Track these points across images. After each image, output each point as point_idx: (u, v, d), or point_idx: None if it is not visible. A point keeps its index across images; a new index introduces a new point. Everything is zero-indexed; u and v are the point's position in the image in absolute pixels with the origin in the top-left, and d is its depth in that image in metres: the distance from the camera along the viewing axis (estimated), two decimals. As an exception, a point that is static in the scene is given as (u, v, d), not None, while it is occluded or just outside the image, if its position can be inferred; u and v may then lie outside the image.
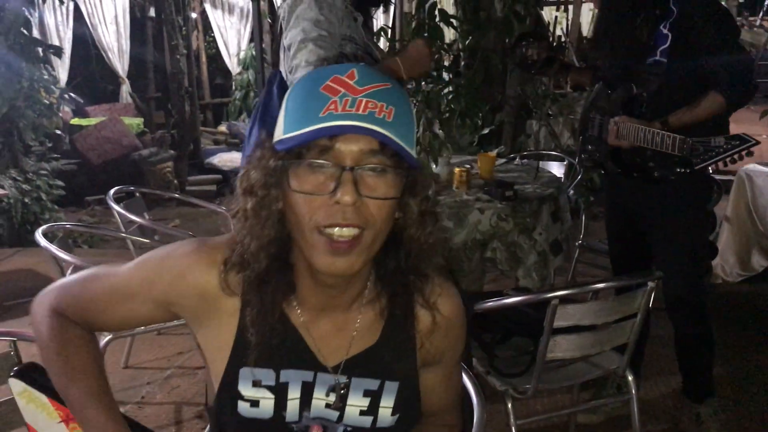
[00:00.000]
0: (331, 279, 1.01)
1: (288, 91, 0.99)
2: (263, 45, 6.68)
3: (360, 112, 0.90)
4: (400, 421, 1.10)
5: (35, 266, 4.96)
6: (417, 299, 1.09)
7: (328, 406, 1.08)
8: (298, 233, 0.97)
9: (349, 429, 1.10)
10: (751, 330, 3.60)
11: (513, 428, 2.06)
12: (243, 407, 1.07)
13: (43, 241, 2.43)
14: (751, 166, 4.07)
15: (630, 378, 2.20)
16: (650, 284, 1.99)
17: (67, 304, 1.13)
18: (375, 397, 1.09)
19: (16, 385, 1.17)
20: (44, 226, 2.59)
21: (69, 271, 2.52)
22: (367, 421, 1.09)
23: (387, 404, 1.09)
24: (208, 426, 1.23)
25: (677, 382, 2.69)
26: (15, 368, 1.17)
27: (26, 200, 5.71)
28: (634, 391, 2.20)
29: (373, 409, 1.09)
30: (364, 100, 0.91)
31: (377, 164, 0.93)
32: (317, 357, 1.08)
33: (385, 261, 1.05)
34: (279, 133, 0.96)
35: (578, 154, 2.65)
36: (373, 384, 1.09)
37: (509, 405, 2.07)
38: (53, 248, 2.39)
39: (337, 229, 0.93)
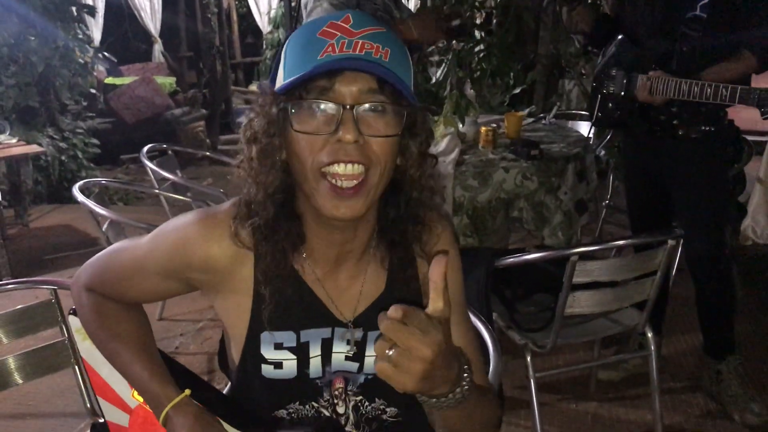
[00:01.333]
0: (338, 224, 1.01)
1: (286, 41, 0.99)
2: (293, 3, 6.66)
3: (357, 52, 0.91)
4: None
5: (72, 222, 5.12)
6: (416, 249, 1.10)
7: (347, 358, 1.11)
8: (302, 178, 0.97)
9: (369, 377, 1.13)
10: (779, 291, 3.60)
11: (532, 381, 2.11)
12: (267, 369, 1.10)
13: (80, 197, 2.52)
14: (786, 127, 4.01)
15: (649, 335, 2.23)
16: (670, 242, 2.01)
17: (96, 282, 1.19)
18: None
19: (75, 322, 1.24)
20: (81, 182, 2.68)
21: (105, 226, 2.62)
22: None
23: None
24: (229, 384, 1.27)
25: (699, 341, 2.71)
26: (73, 307, 1.24)
27: (63, 158, 5.85)
28: (653, 348, 2.23)
29: None
30: (361, 41, 0.92)
31: (377, 102, 0.94)
32: (333, 312, 1.10)
33: (386, 210, 1.06)
34: (279, 82, 0.97)
35: (595, 112, 2.63)
36: None
37: (528, 358, 2.12)
38: (90, 203, 2.48)
39: (342, 166, 0.93)
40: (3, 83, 5.44)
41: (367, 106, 0.93)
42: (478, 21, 6.63)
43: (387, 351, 0.79)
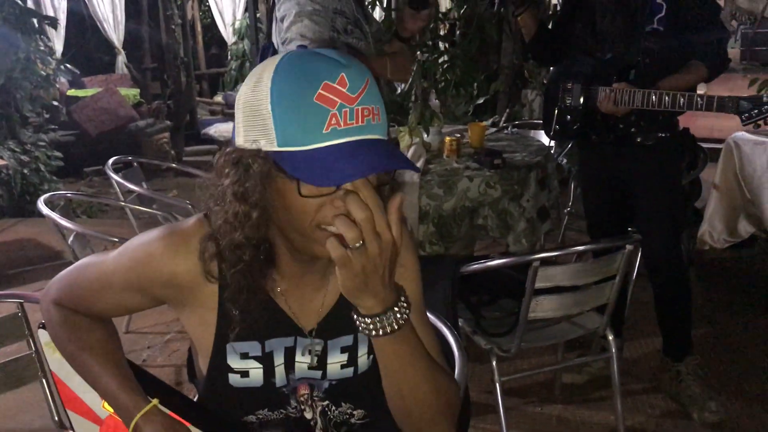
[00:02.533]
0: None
1: (267, 91, 0.94)
2: (258, 14, 6.69)
3: (360, 123, 0.92)
4: (376, 362, 1.14)
5: (36, 236, 5.05)
6: None
7: (310, 367, 1.15)
8: (295, 232, 0.98)
9: (333, 383, 1.17)
10: (735, 293, 3.71)
11: (497, 385, 2.16)
12: (234, 379, 1.14)
13: (45, 210, 2.51)
14: (740, 135, 4.13)
15: (610, 338, 2.30)
16: (628, 247, 2.08)
17: (64, 297, 1.20)
18: (352, 350, 1.16)
19: (44, 336, 1.25)
20: (46, 195, 2.67)
21: (71, 239, 2.60)
22: (349, 371, 1.17)
23: (363, 351, 1.17)
24: (197, 395, 1.29)
25: (660, 344, 2.78)
26: (42, 321, 1.25)
27: (25, 171, 5.77)
28: (614, 350, 2.30)
29: (352, 361, 1.17)
30: (360, 108, 0.92)
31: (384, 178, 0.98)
32: (295, 323, 1.13)
33: None
34: (271, 143, 0.93)
35: (552, 125, 2.68)
36: (347, 340, 1.16)
37: (494, 363, 2.17)
38: (55, 216, 2.47)
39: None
40: (-38, 97, 5.38)
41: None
42: (442, 32, 6.72)
43: (356, 244, 0.87)
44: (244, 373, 1.13)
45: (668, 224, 2.53)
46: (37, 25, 5.98)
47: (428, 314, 1.55)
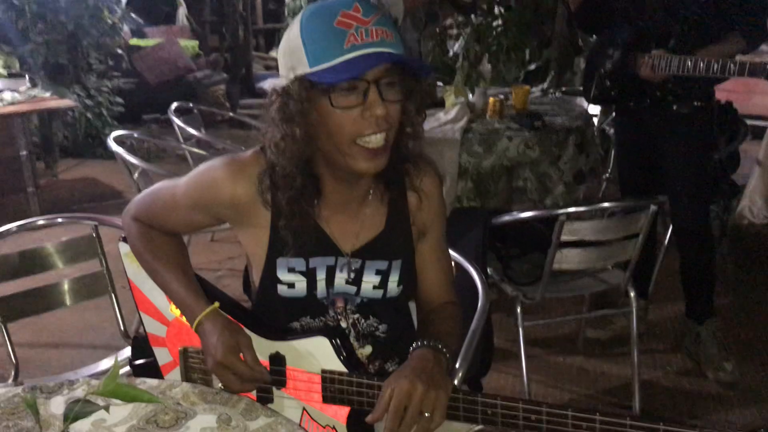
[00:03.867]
0: (361, 178, 1.25)
1: (298, 28, 1.15)
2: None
3: (375, 39, 1.12)
4: (404, 291, 1.37)
5: (98, 175, 5.37)
6: (407, 185, 1.33)
7: (347, 282, 1.34)
8: (334, 147, 1.18)
9: (365, 300, 1.36)
10: (766, 267, 3.77)
11: (521, 329, 2.32)
12: (282, 289, 1.32)
13: (115, 147, 2.73)
14: (787, 111, 4.15)
15: (631, 294, 2.43)
16: (652, 207, 2.19)
17: (141, 214, 1.42)
18: (384, 274, 1.35)
19: (124, 248, 1.47)
20: (115, 133, 2.89)
21: (136, 175, 2.83)
22: (378, 293, 1.36)
23: (394, 279, 1.35)
24: (251, 304, 1.48)
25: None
26: (123, 236, 1.47)
27: (89, 115, 6.06)
28: (634, 305, 2.43)
29: (383, 284, 1.35)
30: (374, 28, 1.12)
31: (393, 79, 1.15)
32: (336, 245, 1.32)
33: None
34: (304, 66, 1.14)
35: (592, 90, 2.78)
36: (382, 265, 1.34)
37: (519, 309, 2.33)
38: (123, 152, 2.69)
39: (375, 136, 1.15)
40: (32, 40, 5.64)
41: (387, 81, 1.14)
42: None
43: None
44: (291, 285, 1.32)
45: (696, 192, 2.62)
46: (105, -26, 6.21)
47: (459, 257, 1.76)
